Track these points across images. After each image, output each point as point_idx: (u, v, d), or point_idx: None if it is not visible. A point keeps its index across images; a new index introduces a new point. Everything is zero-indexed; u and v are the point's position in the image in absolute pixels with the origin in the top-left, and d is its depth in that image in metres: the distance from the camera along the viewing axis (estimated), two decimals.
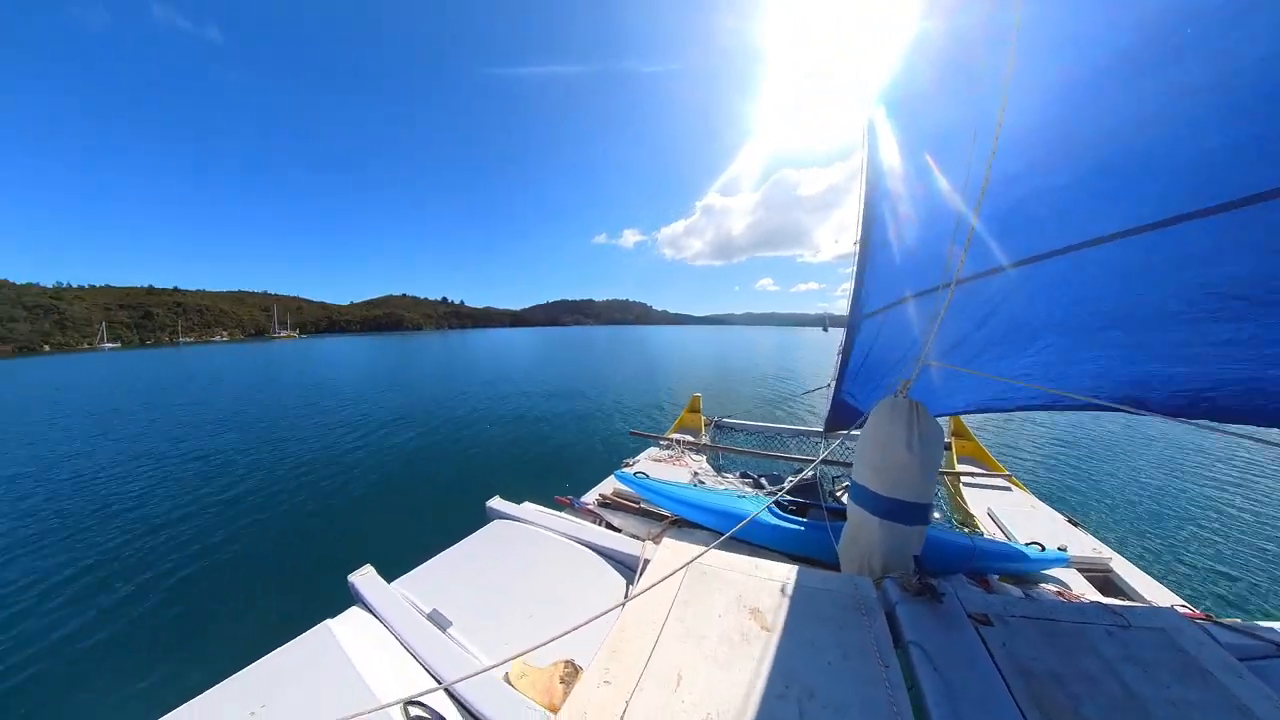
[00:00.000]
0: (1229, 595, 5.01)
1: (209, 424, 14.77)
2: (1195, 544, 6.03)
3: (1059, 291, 2.11)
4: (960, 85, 2.00)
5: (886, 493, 2.11)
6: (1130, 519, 6.83)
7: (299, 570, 5.91)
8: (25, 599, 5.35)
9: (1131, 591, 2.99)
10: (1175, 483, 8.14)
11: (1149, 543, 6.08)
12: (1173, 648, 1.63)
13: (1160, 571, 4.90)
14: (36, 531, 7.19)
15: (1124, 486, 8.03)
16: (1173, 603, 2.76)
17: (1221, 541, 6.08)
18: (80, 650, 4.53)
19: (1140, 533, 6.38)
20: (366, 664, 1.80)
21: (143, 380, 26.63)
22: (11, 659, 4.40)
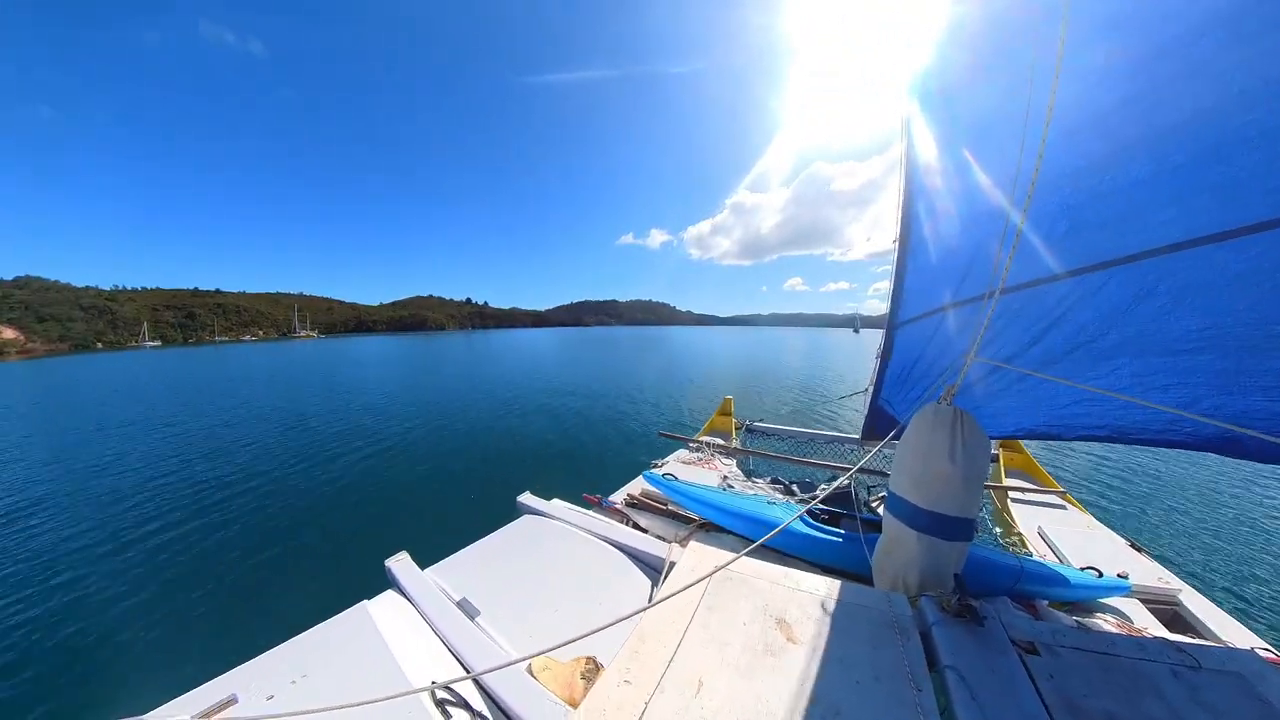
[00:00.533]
0: None
1: (262, 421, 15.82)
2: None
3: (1137, 305, 1.84)
4: (1003, 72, 1.82)
5: (926, 505, 2.01)
6: (1205, 546, 6.21)
7: (340, 553, 6.24)
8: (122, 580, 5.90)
9: (1203, 629, 2.72)
10: (1264, 511, 7.34)
11: (1226, 575, 5.52)
12: (1251, 695, 1.47)
13: (1238, 608, 4.45)
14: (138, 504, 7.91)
15: (1200, 509, 7.30)
16: (1253, 645, 2.49)
17: None
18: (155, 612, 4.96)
19: (1216, 563, 5.80)
20: (399, 645, 1.88)
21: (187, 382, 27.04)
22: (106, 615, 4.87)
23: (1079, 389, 2.29)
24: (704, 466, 5.14)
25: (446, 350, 49.09)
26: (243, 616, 4.90)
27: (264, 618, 4.86)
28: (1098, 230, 1.80)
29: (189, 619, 4.86)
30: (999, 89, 1.84)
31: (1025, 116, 1.62)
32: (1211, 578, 5.43)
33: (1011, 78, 1.76)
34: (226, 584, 5.49)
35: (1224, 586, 5.25)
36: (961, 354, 2.14)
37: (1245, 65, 1.23)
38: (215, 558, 6.07)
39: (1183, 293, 1.70)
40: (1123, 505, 7.45)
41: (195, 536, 6.68)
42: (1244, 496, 7.81)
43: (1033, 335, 2.23)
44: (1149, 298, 1.79)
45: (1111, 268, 1.82)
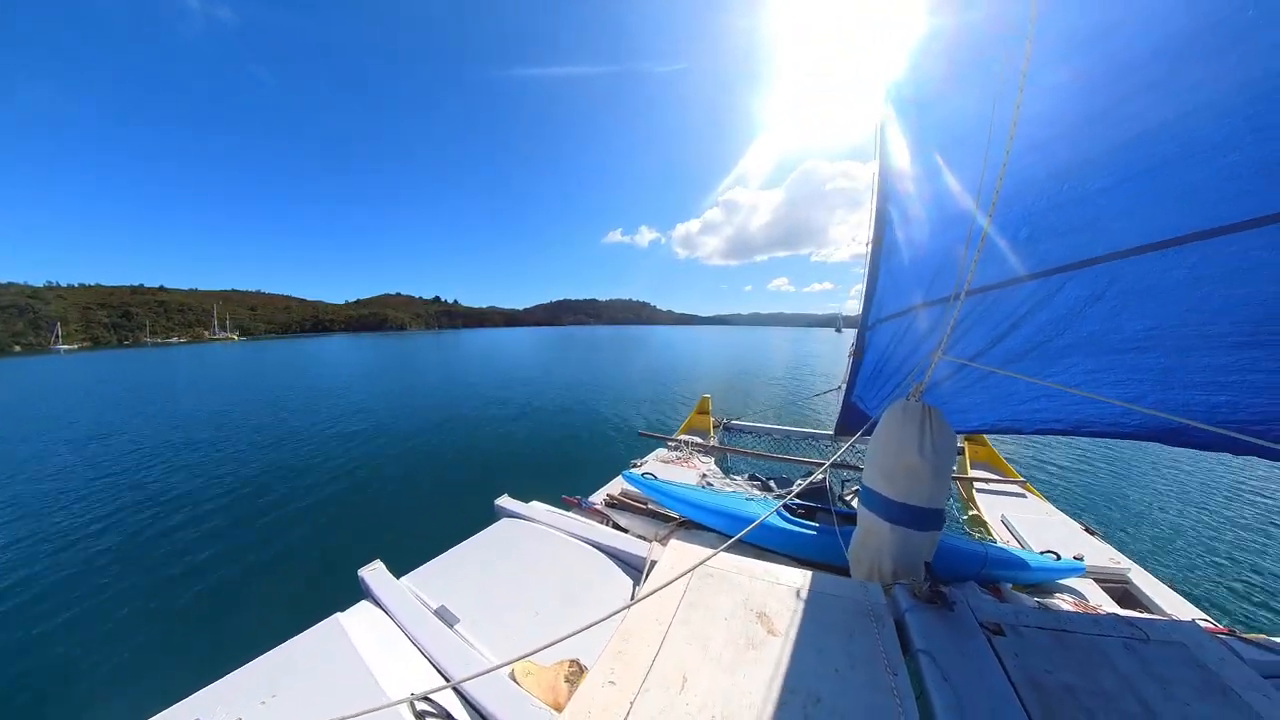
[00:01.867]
0: (1255, 611, 4.86)
1: (219, 424, 15.09)
2: (1221, 558, 5.85)
3: (1089, 307, 1.96)
4: (973, 85, 1.92)
5: (898, 498, 2.08)
6: (1151, 529, 6.63)
7: (310, 564, 6.01)
8: (69, 593, 5.52)
9: (1151, 604, 2.91)
10: (1203, 494, 7.87)
11: (1171, 555, 5.91)
12: (1193, 663, 1.58)
13: (1182, 585, 4.77)
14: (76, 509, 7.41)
15: (1146, 496, 7.79)
16: (1194, 616, 2.68)
17: (1249, 557, 5.89)
18: (99, 636, 4.66)
19: (1161, 544, 6.20)
20: (374, 658, 1.82)
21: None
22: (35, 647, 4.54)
23: (1038, 385, 2.43)
24: (683, 465, 5.18)
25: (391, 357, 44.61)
26: (207, 636, 4.66)
27: (230, 637, 4.63)
28: (1056, 237, 1.91)
29: (149, 643, 4.59)
30: (969, 101, 1.93)
31: (991, 128, 1.71)
32: (1157, 556, 5.80)
33: (981, 91, 1.85)
34: (188, 603, 5.21)
35: (1168, 564, 5.62)
36: (929, 353, 2.23)
37: (1194, 88, 1.32)
38: (175, 576, 5.75)
39: (1129, 296, 1.82)
40: (1078, 492, 7.87)
41: (152, 555, 6.31)
42: (1185, 481, 8.38)
43: (996, 335, 2.35)
44: (1100, 300, 1.92)
45: (1067, 272, 1.94)
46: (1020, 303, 2.17)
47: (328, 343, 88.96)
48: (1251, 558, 5.81)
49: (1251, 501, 7.52)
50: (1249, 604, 4.95)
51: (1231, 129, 1.31)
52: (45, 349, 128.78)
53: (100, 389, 23.85)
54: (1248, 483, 8.33)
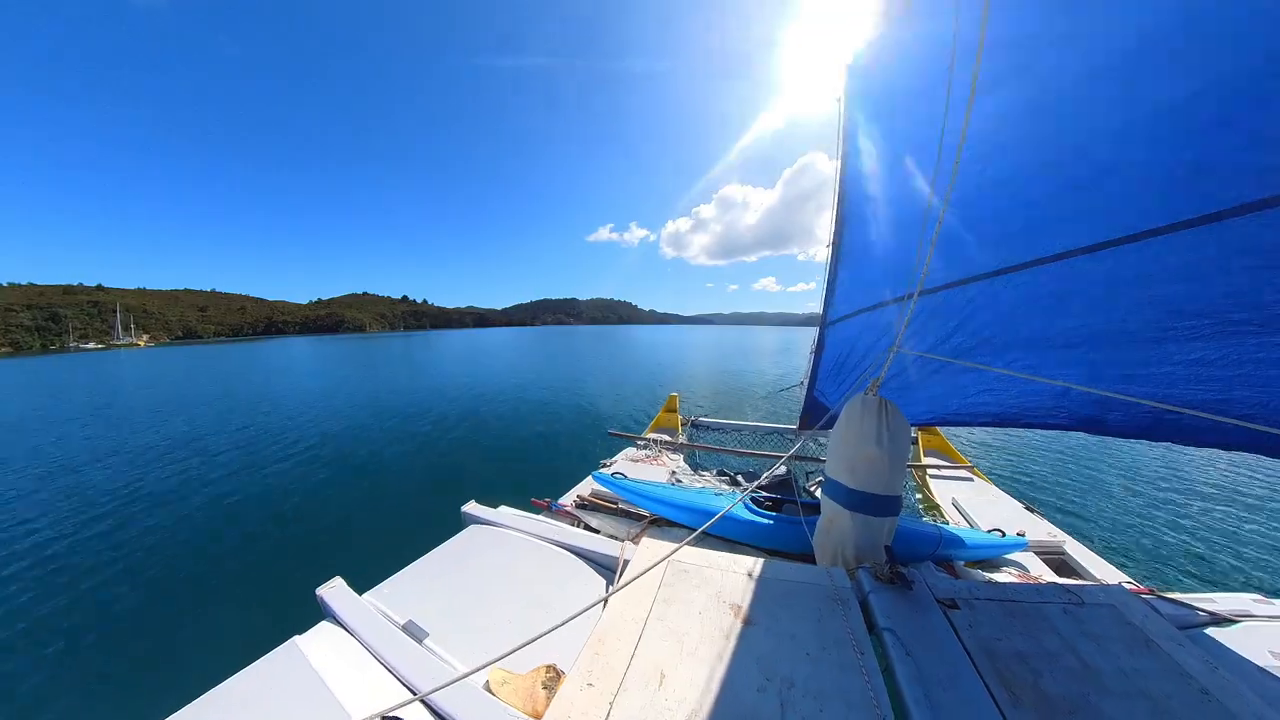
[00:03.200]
0: (1170, 572, 5.39)
1: (158, 435, 13.94)
2: (1141, 528, 6.46)
3: (1026, 306, 2.12)
4: (925, 102, 2.04)
5: (858, 486, 2.18)
6: (1083, 506, 7.25)
7: (264, 586, 5.65)
8: None
9: (1084, 571, 3.17)
10: (1126, 475, 8.69)
11: (1100, 528, 6.48)
12: (1121, 621, 1.75)
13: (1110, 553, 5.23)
14: None
15: (1078, 477, 8.51)
16: (1120, 580, 2.95)
17: (1164, 527, 6.54)
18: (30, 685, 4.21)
19: (1092, 517, 6.79)
20: (338, 681, 1.74)
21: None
22: None
23: (983, 381, 2.65)
24: (652, 463, 5.21)
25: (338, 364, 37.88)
26: (155, 671, 4.28)
27: (181, 669, 4.29)
28: (999, 242, 2.07)
29: (91, 682, 4.18)
30: (922, 116, 2.05)
31: (942, 140, 1.83)
32: (1088, 529, 6.34)
33: (931, 108, 1.98)
34: (133, 636, 4.77)
35: (1098, 535, 6.15)
36: (885, 349, 2.36)
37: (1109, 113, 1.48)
38: (115, 607, 5.26)
39: (1058, 297, 1.99)
40: (1019, 475, 8.50)
41: (89, 585, 5.74)
42: (1111, 464, 9.23)
43: (945, 333, 2.51)
44: (1035, 301, 2.09)
45: (1007, 274, 2.10)
46: (967, 302, 2.33)
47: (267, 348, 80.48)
48: (1165, 528, 6.45)
49: (1165, 479, 8.35)
50: (1166, 566, 5.49)
51: (1141, 149, 1.46)
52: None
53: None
54: (1161, 463, 9.26)
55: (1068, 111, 1.56)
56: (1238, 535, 6.18)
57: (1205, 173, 1.39)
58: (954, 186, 1.78)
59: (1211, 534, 6.22)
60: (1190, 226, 1.48)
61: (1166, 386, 1.91)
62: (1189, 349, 1.74)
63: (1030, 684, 1.44)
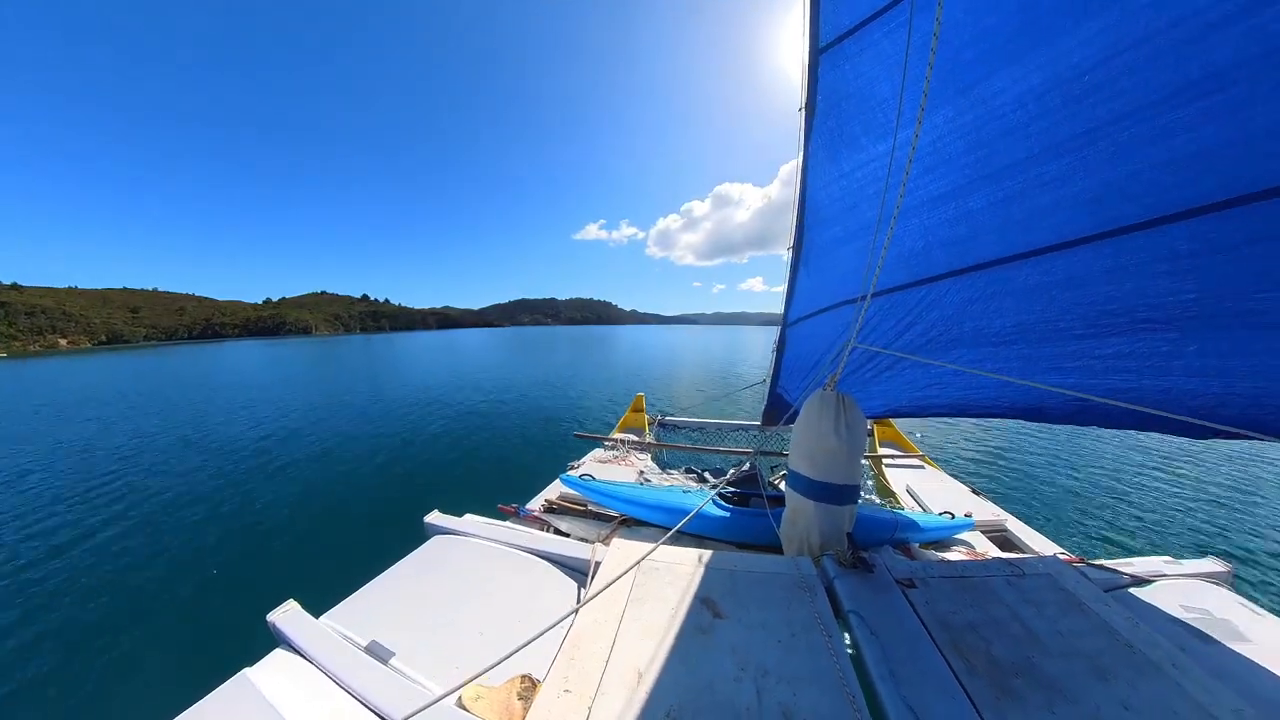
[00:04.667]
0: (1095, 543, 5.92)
1: (88, 450, 12.66)
2: (1071, 505, 7.07)
3: (970, 307, 2.32)
4: (884, 108, 2.17)
5: (819, 477, 2.27)
6: (1021, 485, 7.85)
7: (208, 615, 5.23)
8: None
9: (1024, 546, 3.43)
10: (1058, 458, 9.49)
11: (1036, 505, 7.04)
12: (1057, 588, 1.91)
13: (1046, 527, 5.68)
14: None
15: (1016, 460, 9.23)
16: (1055, 552, 3.21)
17: (1091, 504, 7.17)
18: None
19: (1029, 496, 7.37)
20: (295, 712, 1.64)
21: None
22: None
23: (930, 375, 2.87)
24: (620, 464, 5.21)
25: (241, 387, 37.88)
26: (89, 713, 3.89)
27: (117, 711, 3.91)
28: (944, 247, 2.24)
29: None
30: (875, 129, 2.19)
31: (894, 152, 1.97)
32: (1027, 506, 6.86)
33: (883, 120, 2.13)
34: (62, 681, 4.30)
35: (1035, 513, 6.67)
36: (842, 347, 2.48)
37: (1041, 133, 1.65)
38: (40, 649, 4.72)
39: (996, 298, 2.19)
40: (965, 461, 9.09)
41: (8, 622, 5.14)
42: (1045, 449, 10.04)
43: (897, 331, 2.69)
44: (975, 302, 2.28)
45: (951, 277, 2.28)
46: (916, 303, 2.51)
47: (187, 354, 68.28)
48: (1091, 504, 7.08)
49: (1090, 462, 9.17)
50: (1092, 538, 6.02)
51: (1066, 167, 1.63)
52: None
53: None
54: (1089, 450, 10.15)
55: (1004, 130, 1.73)
56: (1148, 507, 6.88)
57: (1119, 189, 1.57)
58: (904, 195, 1.91)
59: (1127, 510, 6.89)
60: (1108, 237, 1.68)
61: (1089, 377, 2.14)
62: (1107, 344, 1.96)
63: (982, 651, 1.55)
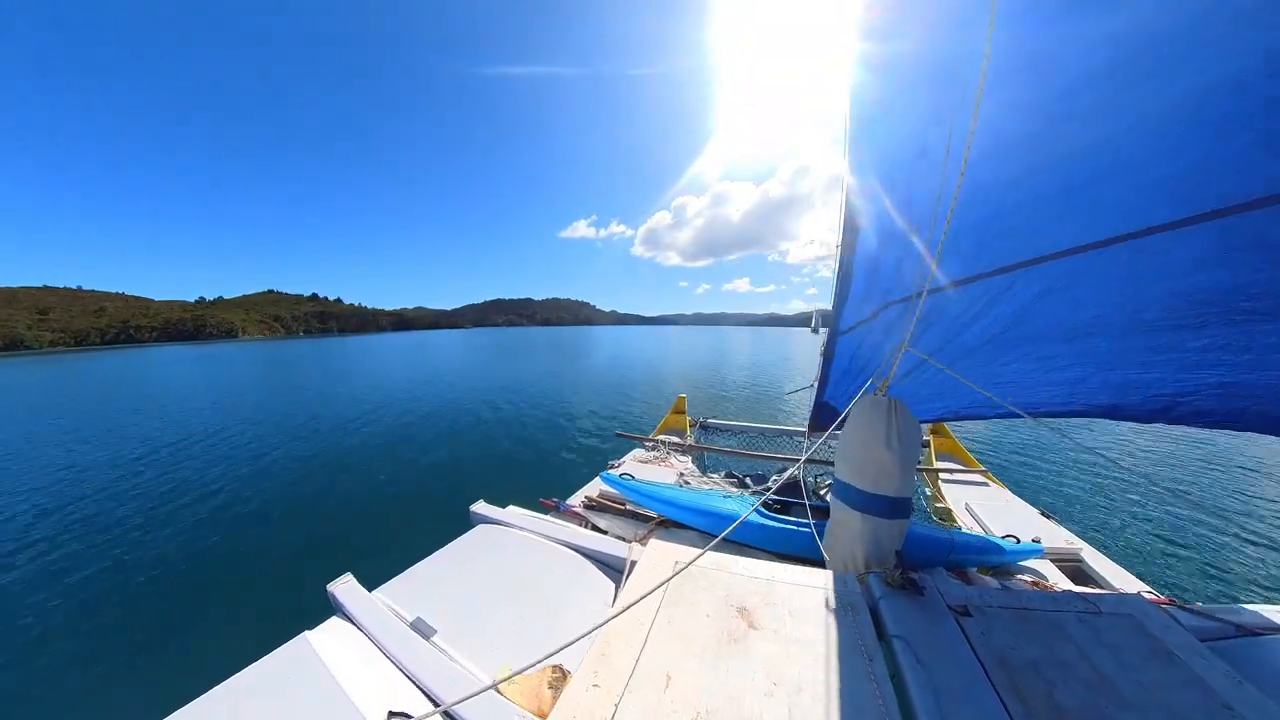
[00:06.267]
0: (1191, 581, 5.24)
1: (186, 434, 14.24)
2: (1162, 534, 6.30)
3: (1038, 302, 2.13)
4: (930, 101, 2.04)
5: (868, 489, 2.15)
6: (1101, 511, 7.09)
7: (276, 581, 5.75)
8: None
9: (1101, 580, 3.10)
10: (1146, 480, 8.47)
11: (1118, 534, 6.32)
12: (1140, 632, 1.70)
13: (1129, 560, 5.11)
14: None
15: (1096, 480, 8.32)
16: (1139, 589, 2.87)
17: (1187, 533, 6.36)
18: (48, 666, 4.32)
19: (1110, 524, 6.63)
20: (347, 676, 1.76)
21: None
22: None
23: (993, 374, 2.63)
24: (660, 465, 5.20)
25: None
26: (165, 664, 4.39)
27: (190, 663, 4.38)
28: (1008, 238, 2.06)
29: (100, 674, 4.29)
30: (928, 115, 2.05)
31: (950, 139, 1.82)
32: (1106, 536, 6.19)
33: (937, 107, 1.98)
34: (143, 629, 4.89)
35: (1116, 543, 6.01)
36: (893, 348, 2.34)
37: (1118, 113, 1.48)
38: (126, 601, 5.39)
39: (1071, 290, 2.00)
40: (1035, 480, 8.33)
41: (99, 578, 5.89)
42: (1131, 469, 9.00)
43: (955, 330, 2.49)
44: (1046, 295, 2.09)
45: (1017, 270, 2.09)
46: (976, 299, 2.31)
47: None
48: (1186, 535, 6.27)
49: (1186, 487, 8.13)
50: (1187, 576, 5.34)
51: (1153, 145, 1.47)
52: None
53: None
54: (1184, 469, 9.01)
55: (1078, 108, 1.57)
56: (1264, 545, 6.00)
57: (1215, 169, 1.40)
58: (962, 183, 1.78)
59: (1237, 543, 6.05)
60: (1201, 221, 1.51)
61: (1179, 371, 1.98)
62: (1200, 335, 1.81)
63: (1044, 695, 1.41)
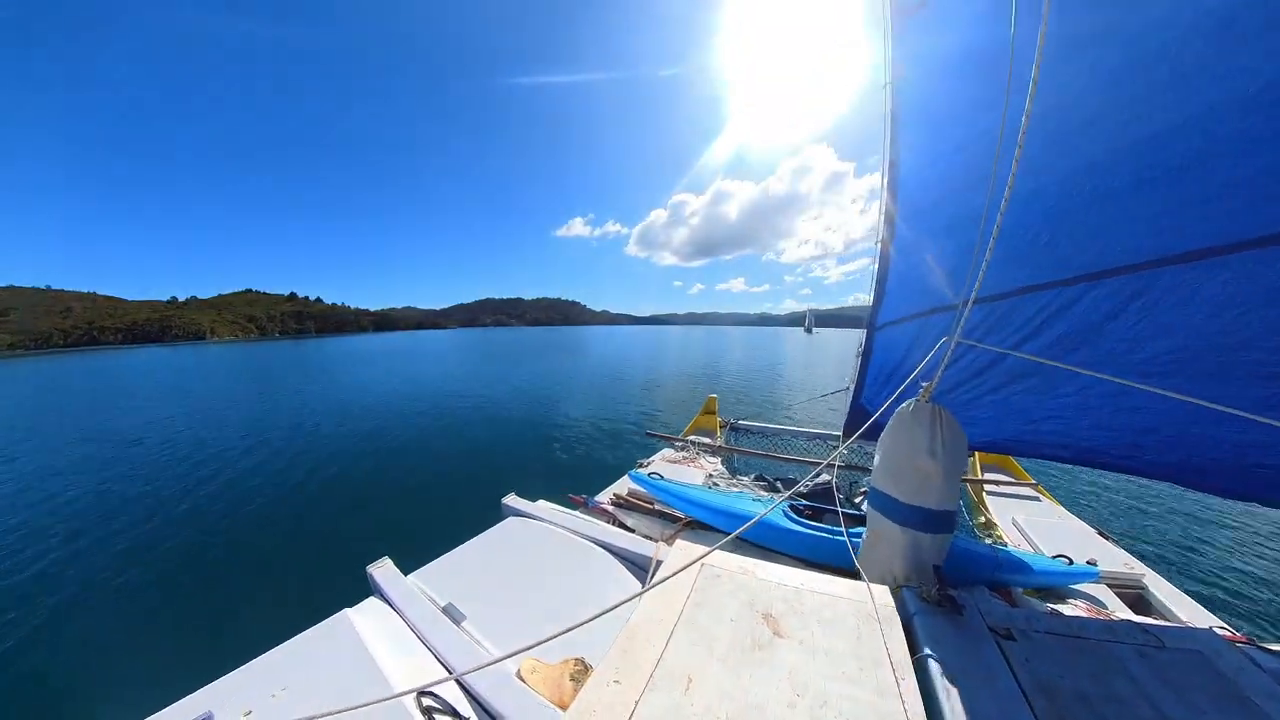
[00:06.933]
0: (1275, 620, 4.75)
1: (249, 424, 15.29)
2: (1239, 563, 5.73)
3: (1109, 323, 1.77)
4: (983, 79, 1.85)
5: (907, 499, 2.06)
6: (1169, 534, 6.51)
7: (321, 561, 6.09)
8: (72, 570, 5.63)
9: (1166, 611, 2.85)
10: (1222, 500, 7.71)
11: (1188, 560, 5.79)
12: (1210, 671, 1.55)
13: (1199, 591, 4.67)
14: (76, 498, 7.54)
15: (1163, 500, 7.65)
16: (1211, 624, 2.62)
17: (1269, 566, 5.76)
18: (109, 633, 4.75)
19: (1179, 549, 6.08)
20: (382, 652, 1.84)
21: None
22: (55, 637, 4.63)
23: (1048, 405, 2.29)
24: (689, 465, 5.17)
25: None
26: (218, 631, 4.74)
27: (240, 632, 4.71)
28: (1076, 241, 1.77)
29: (159, 636, 4.68)
30: (978, 96, 1.85)
31: (1004, 124, 1.60)
32: (1174, 561, 5.69)
33: (990, 86, 1.74)
34: (200, 598, 5.31)
35: (1185, 570, 5.51)
36: (939, 357, 2.16)
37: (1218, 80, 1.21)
38: (187, 570, 5.86)
39: (1154, 312, 1.64)
40: (1092, 495, 7.75)
41: (162, 549, 6.43)
42: None
43: (1011, 345, 2.20)
44: (1121, 315, 1.75)
45: (1087, 281, 1.79)
46: (1036, 312, 2.04)
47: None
48: (1271, 567, 5.67)
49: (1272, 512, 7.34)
50: (1269, 611, 4.84)
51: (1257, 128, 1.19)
52: None
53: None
54: None
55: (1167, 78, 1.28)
56: None
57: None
58: (1015, 174, 1.52)
59: None
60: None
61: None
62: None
63: None
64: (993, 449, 2.96)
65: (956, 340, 1.96)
